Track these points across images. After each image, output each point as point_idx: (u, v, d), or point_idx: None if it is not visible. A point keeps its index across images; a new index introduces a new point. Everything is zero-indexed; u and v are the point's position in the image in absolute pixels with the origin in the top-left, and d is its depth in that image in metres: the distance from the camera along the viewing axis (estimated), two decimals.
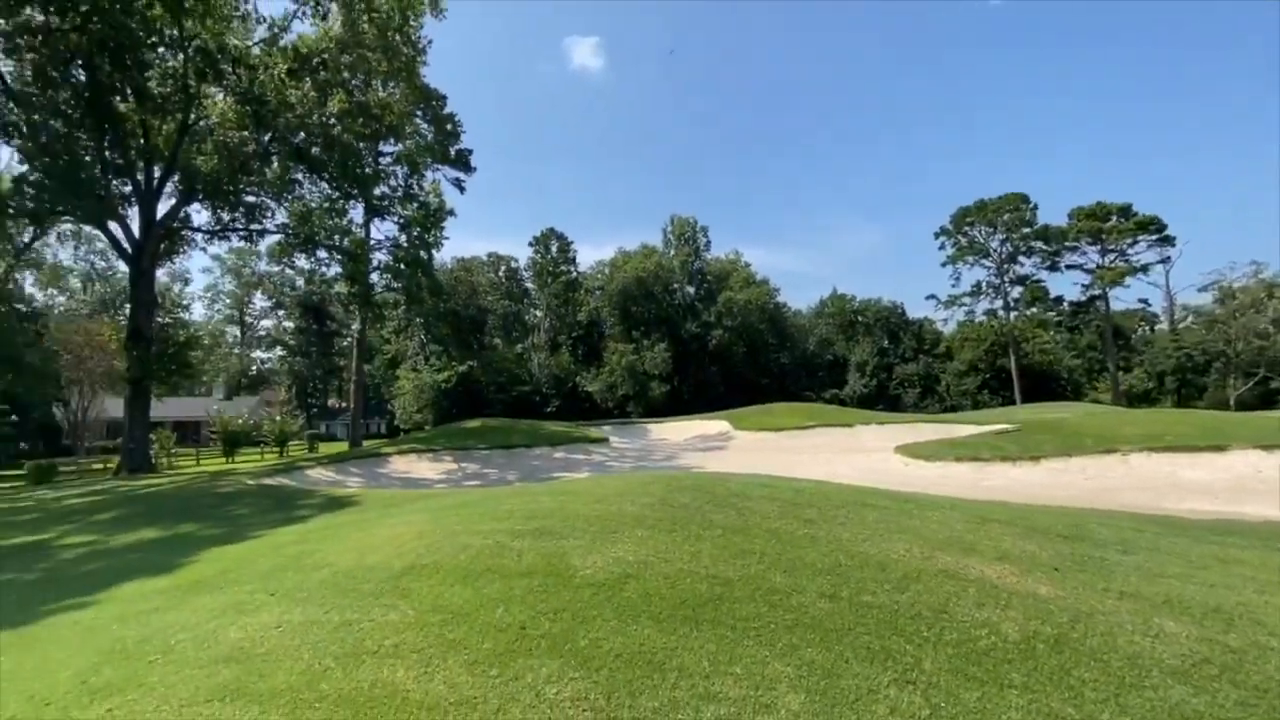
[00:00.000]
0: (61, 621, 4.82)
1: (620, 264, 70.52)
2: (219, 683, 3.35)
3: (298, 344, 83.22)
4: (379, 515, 7.84)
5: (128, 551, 7.58)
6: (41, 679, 3.66)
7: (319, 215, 27.82)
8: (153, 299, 28.32)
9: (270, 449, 42.29)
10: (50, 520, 10.85)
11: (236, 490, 12.77)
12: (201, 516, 9.88)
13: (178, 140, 24.78)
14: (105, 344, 46.21)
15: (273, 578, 5.11)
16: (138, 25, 20.51)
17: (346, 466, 19.65)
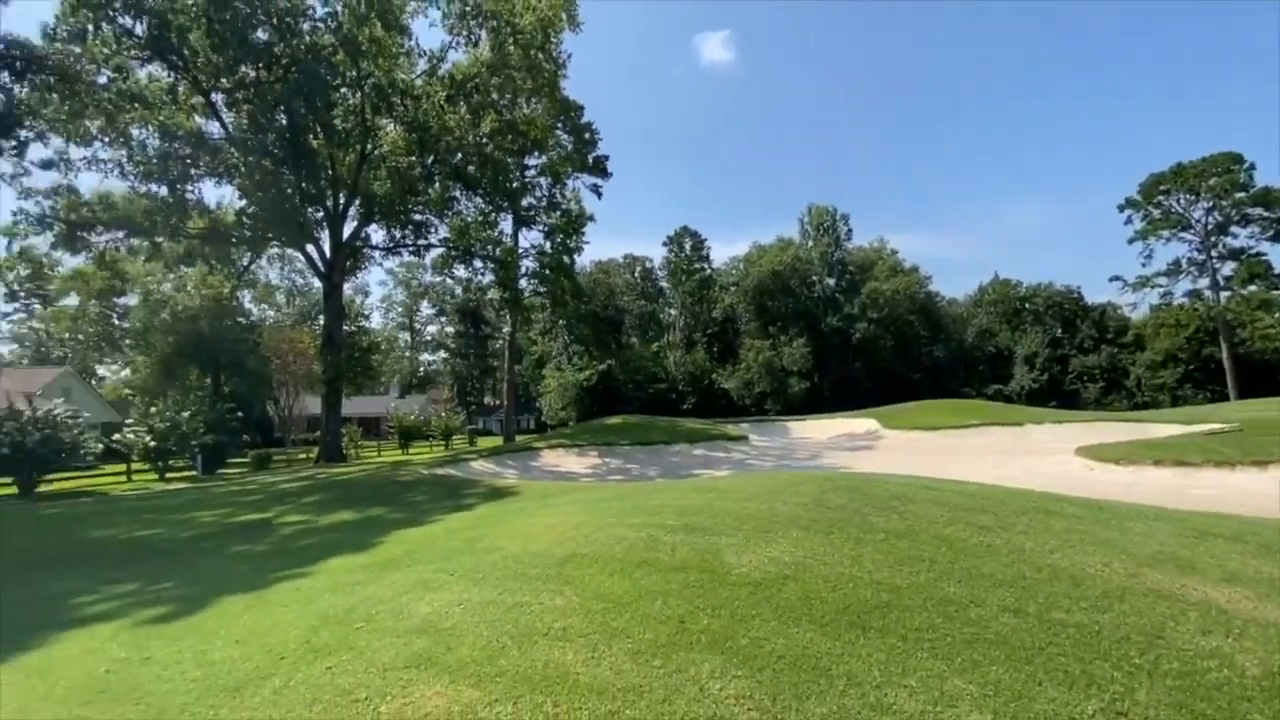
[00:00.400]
0: (285, 588, 5.63)
1: (755, 258, 69.31)
2: (414, 652, 3.72)
3: (457, 347, 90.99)
4: (537, 505, 8.34)
5: (331, 530, 8.72)
6: (275, 636, 4.29)
7: (474, 228, 30.18)
8: (341, 310, 32.32)
9: (437, 442, 46.62)
10: (270, 501, 12.75)
11: (413, 479, 14.23)
12: (387, 501, 11.13)
13: (358, 169, 28.06)
14: (305, 350, 53.39)
15: (451, 559, 5.60)
16: (325, 71, 23.48)
17: (503, 459, 21.18)
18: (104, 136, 25.79)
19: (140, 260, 32.20)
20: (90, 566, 7.58)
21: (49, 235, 26.80)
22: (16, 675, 4.10)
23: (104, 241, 28.68)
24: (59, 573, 7.33)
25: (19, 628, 5.23)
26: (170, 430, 23.58)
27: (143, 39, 23.48)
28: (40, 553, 8.54)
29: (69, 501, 17.11)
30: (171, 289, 39.44)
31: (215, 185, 28.66)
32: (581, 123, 37.27)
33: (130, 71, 25.58)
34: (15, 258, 27.95)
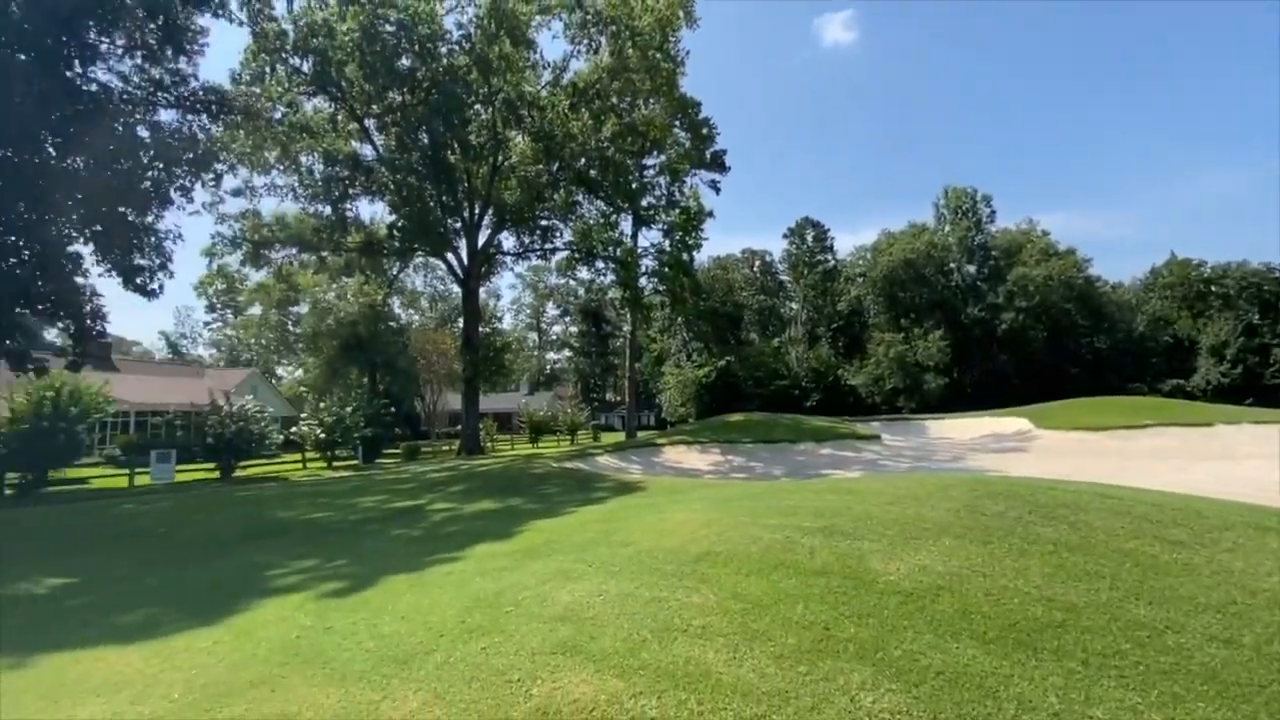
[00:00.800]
0: (440, 571, 6.08)
1: (884, 247, 65.57)
2: (559, 638, 3.86)
3: (581, 346, 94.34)
4: (666, 501, 8.41)
5: (476, 518, 9.34)
6: (434, 614, 4.63)
7: (596, 230, 31.09)
8: (478, 313, 34.55)
9: (564, 436, 48.61)
10: (421, 489, 13.88)
11: (546, 472, 14.92)
12: (523, 493, 11.74)
13: (490, 180, 29.85)
14: (447, 350, 57.58)
15: (588, 550, 5.77)
16: (461, 90, 25.19)
17: (627, 455, 21.65)
18: (280, 165, 29.37)
19: (309, 272, 36.33)
20: (277, 543, 8.64)
21: (239, 254, 30.94)
22: (228, 634, 4.74)
23: (281, 257, 32.65)
24: (254, 547, 8.42)
25: (227, 594, 6.06)
26: (336, 424, 26.43)
27: (308, 75, 26.44)
28: (239, 529, 9.86)
29: (258, 485, 19.68)
30: (334, 298, 44.14)
31: (369, 203, 31.76)
32: (699, 119, 37.14)
33: (299, 106, 28.93)
34: (215, 274, 32.57)
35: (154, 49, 20.00)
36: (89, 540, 9.50)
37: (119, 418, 36.86)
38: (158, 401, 38.59)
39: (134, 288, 18.74)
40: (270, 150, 28.33)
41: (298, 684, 3.65)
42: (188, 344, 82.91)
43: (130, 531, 9.95)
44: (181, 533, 9.73)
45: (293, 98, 28.38)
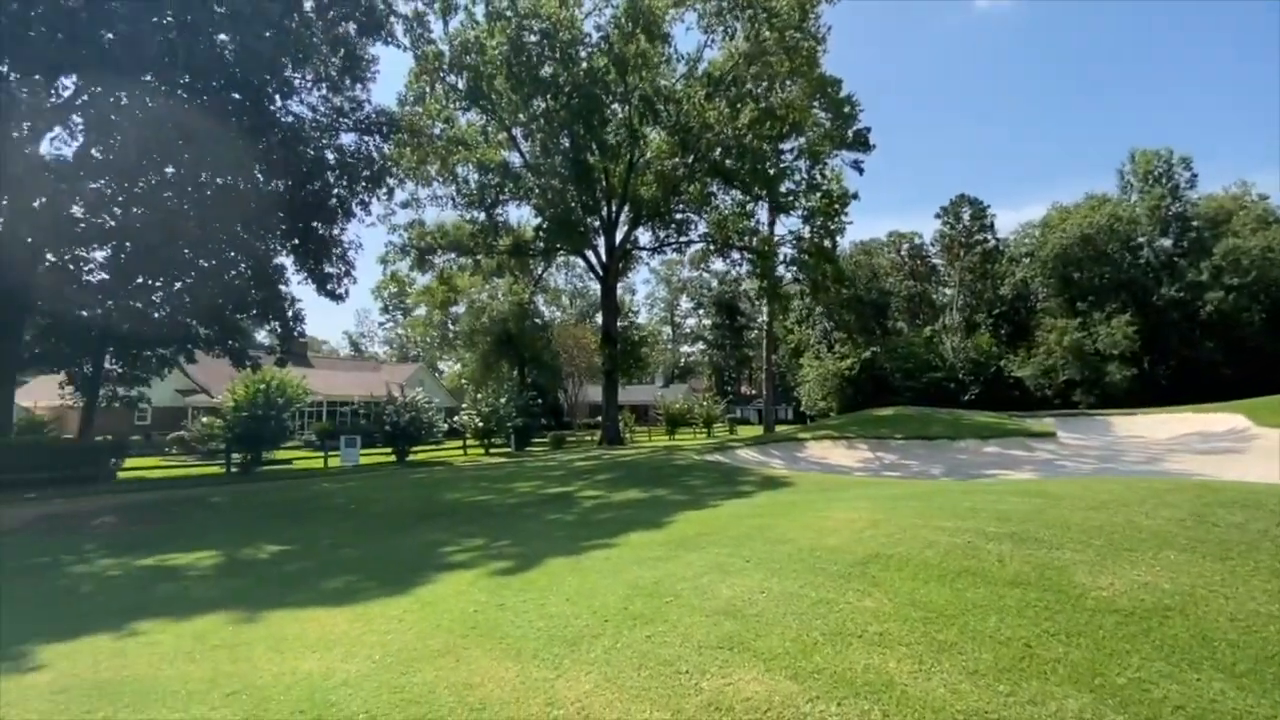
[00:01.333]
0: (597, 556, 6.25)
1: (1056, 222, 58.37)
2: (723, 633, 3.77)
3: (714, 338, 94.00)
4: (820, 498, 8.05)
5: (624, 507, 9.56)
6: (597, 599, 4.74)
7: (732, 220, 30.67)
8: (616, 308, 35.52)
9: (700, 429, 48.70)
10: (570, 477, 14.50)
11: (688, 464, 14.98)
12: (667, 484, 11.85)
13: (626, 178, 30.48)
14: (587, 345, 59.85)
15: (743, 545, 5.64)
16: (600, 90, 25.92)
17: (768, 449, 21.16)
18: (440, 177, 32.05)
19: (466, 274, 39.38)
20: (448, 522, 9.39)
21: (407, 260, 34.21)
22: (414, 605, 5.17)
23: (442, 262, 35.65)
24: (429, 525, 9.22)
25: (408, 568, 6.65)
26: (491, 414, 28.44)
27: (463, 91, 28.54)
28: (415, 508, 10.86)
29: (427, 469, 21.66)
30: (487, 298, 47.52)
31: (516, 207, 33.78)
32: (840, 97, 35.29)
33: (454, 121, 31.35)
34: (388, 279, 36.31)
35: (336, 80, 22.56)
36: (296, 513, 10.94)
37: (314, 407, 42.40)
38: (344, 393, 43.90)
39: (325, 293, 21.34)
40: (431, 164, 30.98)
41: (478, 656, 3.87)
42: (366, 342, 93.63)
43: (327, 507, 11.33)
44: (368, 509, 10.90)
45: (449, 114, 30.83)
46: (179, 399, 38.66)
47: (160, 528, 9.60)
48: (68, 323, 20.12)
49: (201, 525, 9.99)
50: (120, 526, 9.57)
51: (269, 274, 20.49)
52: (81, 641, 4.66)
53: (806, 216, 30.56)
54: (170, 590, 6.23)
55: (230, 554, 7.85)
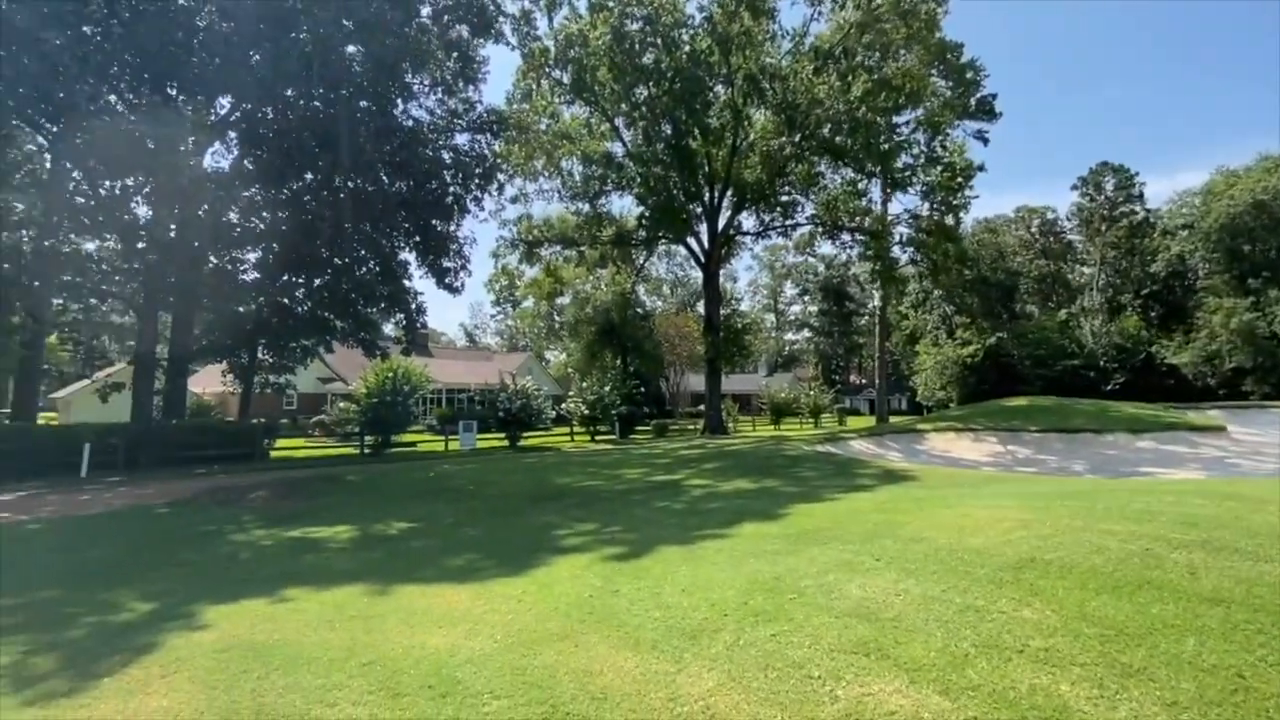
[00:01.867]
0: (710, 546, 6.07)
1: (1221, 188, 50.95)
2: (857, 637, 3.46)
3: (821, 325, 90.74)
4: (951, 494, 7.41)
5: (734, 497, 9.31)
6: (715, 591, 4.55)
7: (842, 199, 29.22)
8: (719, 296, 35.04)
9: (806, 419, 47.19)
10: (676, 465, 14.41)
11: (799, 455, 14.44)
12: (777, 474, 11.46)
13: (729, 161, 29.84)
14: (689, 333, 59.59)
15: (871, 542, 5.24)
16: (703, 72, 25.46)
17: (883, 441, 20.02)
18: (546, 171, 32.91)
19: (571, 266, 40.34)
20: (560, 506, 9.55)
21: (516, 253, 35.51)
22: (532, 586, 5.23)
23: (549, 254, 36.71)
24: (542, 508, 9.42)
25: (524, 549, 6.78)
26: (597, 402, 29.00)
27: (567, 85, 29.04)
28: (528, 491, 11.18)
29: (538, 454, 22.41)
30: (591, 288, 48.47)
31: (619, 197, 34.11)
32: (962, 62, 32.57)
33: (559, 116, 32.01)
34: (499, 273, 37.91)
35: (450, 84, 23.63)
36: (422, 492, 11.59)
37: (435, 394, 45.23)
38: (460, 381, 46.53)
39: (443, 286, 22.52)
40: (538, 159, 31.85)
41: (596, 642, 3.81)
42: (480, 333, 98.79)
43: (449, 488, 11.91)
44: (485, 491, 11.35)
45: (554, 109, 31.53)
46: (320, 386, 42.56)
47: (304, 503, 10.50)
48: (227, 318, 22.57)
49: (339, 501, 10.81)
50: (271, 500, 10.58)
51: (394, 269, 21.90)
52: (240, 604, 5.09)
53: (925, 192, 28.46)
54: (314, 561, 6.73)
55: (364, 529, 8.40)
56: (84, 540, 8.06)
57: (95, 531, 8.65)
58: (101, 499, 11.82)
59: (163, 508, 10.36)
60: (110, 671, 3.78)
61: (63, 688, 3.58)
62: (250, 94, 18.19)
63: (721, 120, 29.24)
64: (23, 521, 9.50)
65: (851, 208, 29.10)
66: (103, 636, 4.47)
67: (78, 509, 10.64)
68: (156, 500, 11.21)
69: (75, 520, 9.49)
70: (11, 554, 7.47)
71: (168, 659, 3.92)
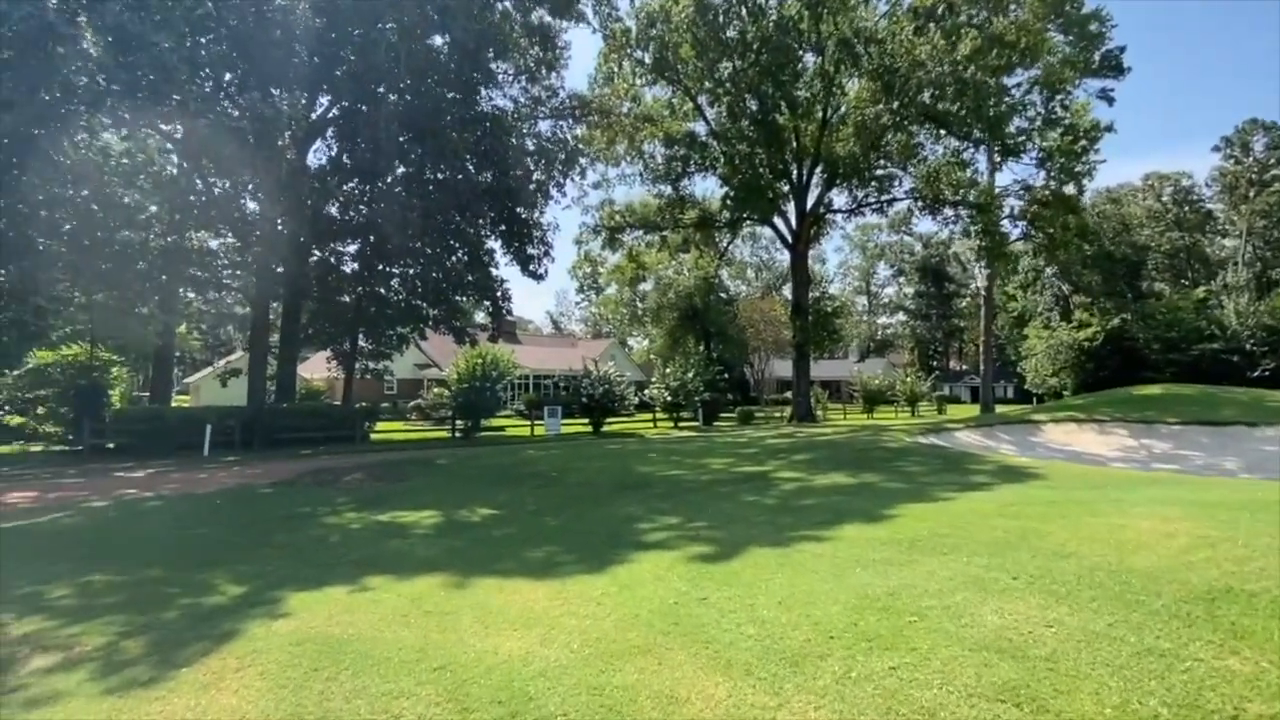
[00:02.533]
0: (808, 551, 5.48)
1: None
2: (1000, 679, 2.83)
3: (917, 308, 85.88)
4: (1091, 497, 6.41)
5: (830, 492, 8.60)
6: (817, 607, 3.99)
7: (945, 171, 27.06)
8: (807, 278, 33.58)
9: (902, 408, 44.75)
10: (763, 455, 13.75)
11: (899, 447, 13.38)
12: (877, 468, 10.58)
13: (819, 135, 28.33)
14: (774, 318, 57.92)
15: (1003, 555, 4.50)
16: (791, 40, 24.15)
17: (994, 431, 18.35)
18: (628, 156, 32.55)
19: (653, 251, 39.94)
20: (642, 496, 9.19)
21: (599, 239, 35.50)
22: (613, 586, 4.86)
23: (631, 239, 36.48)
24: (624, 497, 9.10)
25: (604, 543, 6.44)
26: (680, 388, 28.57)
27: (649, 65, 28.45)
28: (610, 479, 10.91)
29: (620, 440, 22.27)
30: (673, 273, 47.92)
31: (702, 179, 33.25)
32: (1084, 13, 29.22)
33: (641, 98, 31.51)
34: (582, 259, 38.07)
35: (533, 70, 23.64)
36: (505, 477, 11.59)
37: (522, 380, 46.38)
38: (546, 367, 47.46)
39: (528, 273, 22.72)
40: (620, 143, 31.51)
41: (682, 660, 3.37)
42: (564, 320, 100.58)
43: (532, 473, 11.86)
44: (567, 478, 11.19)
45: (636, 91, 31.06)
46: (416, 372, 44.62)
47: (396, 485, 10.72)
48: (330, 307, 23.81)
49: (428, 484, 10.97)
50: (366, 482, 10.89)
51: (481, 258, 22.29)
52: (322, 592, 5.04)
53: (1041, 159, 25.73)
54: (398, 546, 6.69)
55: (449, 514, 8.37)
56: (194, 518, 8.50)
57: (205, 510, 9.13)
58: (216, 478, 12.63)
59: (266, 488, 10.88)
60: (190, 661, 3.73)
61: (143, 676, 3.55)
62: (345, 90, 18.86)
63: (811, 91, 27.74)
64: (147, 498, 10.22)
65: (955, 180, 26.86)
66: (192, 620, 4.50)
67: (194, 487, 11.38)
68: (262, 480, 11.82)
69: (190, 499, 10.10)
70: (133, 530, 7.96)
71: (245, 650, 3.85)
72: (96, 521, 8.47)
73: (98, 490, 11.15)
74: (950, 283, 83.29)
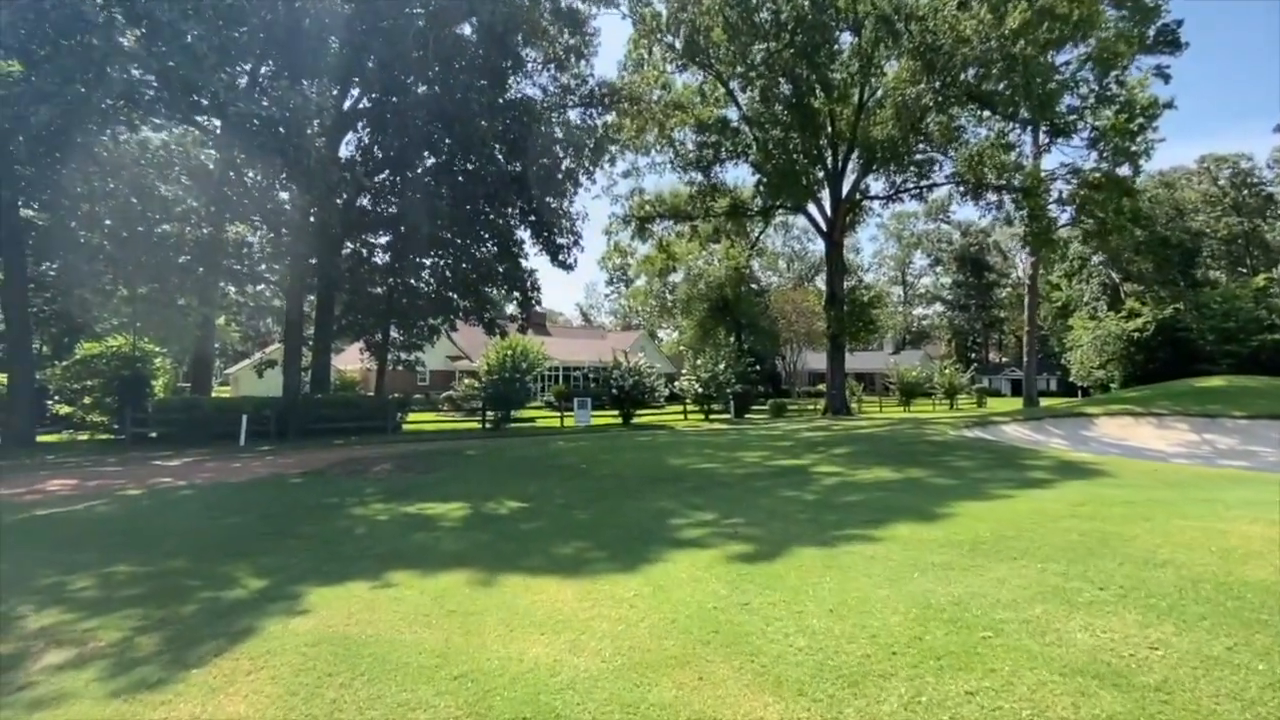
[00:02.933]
0: (857, 552, 5.07)
1: None
2: (1105, 713, 2.43)
3: (955, 298, 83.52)
4: (1170, 496, 5.85)
5: (875, 488, 8.15)
6: (873, 617, 3.61)
7: (989, 154, 25.93)
8: (843, 267, 32.73)
9: (940, 401, 43.48)
10: (800, 448, 13.28)
11: (946, 440, 12.77)
12: (923, 463, 10.06)
13: (856, 119, 27.44)
14: (806, 309, 56.85)
15: (1084, 562, 4.04)
16: (827, 18, 23.33)
17: (1042, 425, 17.48)
18: (658, 144, 32.07)
19: (684, 241, 39.40)
20: (675, 490, 8.85)
21: (628, 229, 35.14)
22: (645, 587, 4.53)
23: (661, 229, 36.04)
24: (655, 491, 8.77)
25: (637, 538, 6.12)
26: (711, 380, 28.11)
27: (679, 50, 27.87)
28: (642, 472, 10.60)
29: (651, 432, 21.97)
30: (703, 264, 47.27)
31: (734, 167, 32.67)
32: None
33: (671, 85, 30.96)
34: (612, 251, 37.73)
35: (562, 59, 23.30)
36: (534, 470, 11.37)
37: (552, 371, 46.37)
38: (576, 359, 47.41)
39: (557, 263, 22.49)
40: (650, 131, 31.02)
41: (726, 676, 3.03)
42: (594, 313, 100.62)
43: (561, 465, 11.62)
44: (597, 470, 10.91)
45: (666, 79, 30.52)
46: (448, 363, 44.97)
47: (424, 476, 10.57)
48: (363, 299, 23.94)
49: (456, 475, 10.81)
50: (394, 472, 10.77)
51: (510, 248, 22.12)
52: (344, 587, 4.83)
53: (1094, 139, 24.42)
54: (423, 540, 6.48)
55: (476, 506, 8.15)
56: (223, 508, 8.44)
57: (235, 499, 9.09)
58: (250, 467, 12.69)
59: (296, 478, 10.84)
60: (202, 661, 3.52)
61: (152, 677, 3.35)
62: (374, 81, 18.78)
63: (848, 73, 26.82)
64: (180, 487, 10.26)
65: (999, 162, 25.72)
66: (210, 615, 4.31)
67: (228, 475, 11.42)
68: (293, 470, 11.81)
69: (222, 487, 10.10)
70: (163, 519, 7.92)
71: (259, 650, 3.63)
72: (129, 510, 8.48)
73: (134, 478, 11.27)
74: (990, 272, 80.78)
